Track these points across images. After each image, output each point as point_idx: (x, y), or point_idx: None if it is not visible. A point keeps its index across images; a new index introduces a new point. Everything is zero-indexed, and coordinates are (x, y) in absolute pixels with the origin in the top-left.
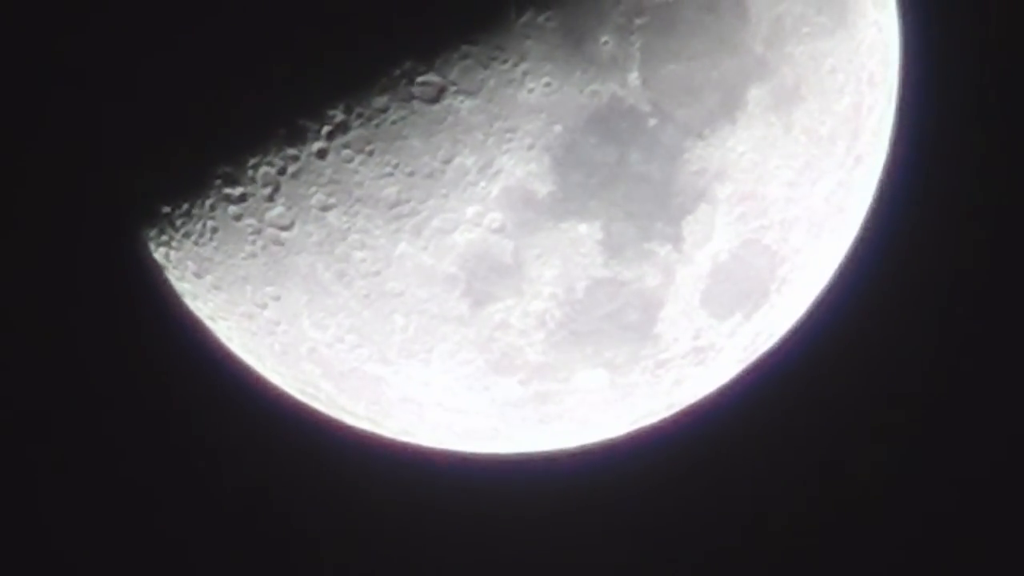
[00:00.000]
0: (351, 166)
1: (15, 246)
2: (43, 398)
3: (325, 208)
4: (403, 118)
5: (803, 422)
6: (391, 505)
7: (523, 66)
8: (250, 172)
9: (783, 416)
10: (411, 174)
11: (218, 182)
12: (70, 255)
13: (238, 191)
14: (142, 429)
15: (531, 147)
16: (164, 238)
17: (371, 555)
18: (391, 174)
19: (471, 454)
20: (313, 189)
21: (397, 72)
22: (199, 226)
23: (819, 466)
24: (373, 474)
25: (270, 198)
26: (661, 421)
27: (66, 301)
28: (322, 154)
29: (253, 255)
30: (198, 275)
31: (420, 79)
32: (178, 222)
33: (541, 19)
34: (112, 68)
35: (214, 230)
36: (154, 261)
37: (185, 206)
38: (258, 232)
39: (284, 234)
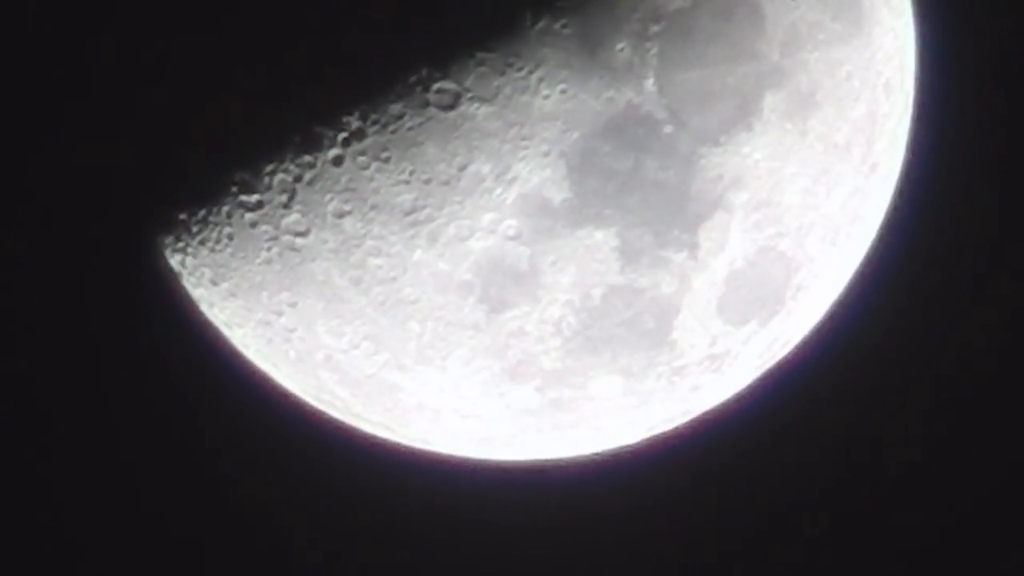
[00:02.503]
0: (367, 173)
1: (31, 253)
2: (58, 405)
3: (341, 215)
4: (419, 125)
5: (819, 429)
6: (407, 512)
7: (539, 73)
8: (266, 179)
9: (799, 423)
10: (427, 181)
11: (234, 189)
12: (86, 262)
13: (254, 198)
14: (158, 436)
15: (547, 154)
16: (180, 245)
17: (388, 562)
18: (407, 181)
19: (487, 461)
20: (329, 196)
21: (413, 79)
22: (215, 233)
23: (835, 473)
24: (389, 481)
25: (286, 205)
26: (677, 428)
27: (82, 308)
28: (338, 161)
29: (269, 262)
30: (214, 282)
31: (436, 86)
32: (194, 229)
33: (557, 26)
34: (128, 75)
35: (230, 237)
36: (170, 268)
37: (201, 213)
38: (274, 239)
39: (300, 241)
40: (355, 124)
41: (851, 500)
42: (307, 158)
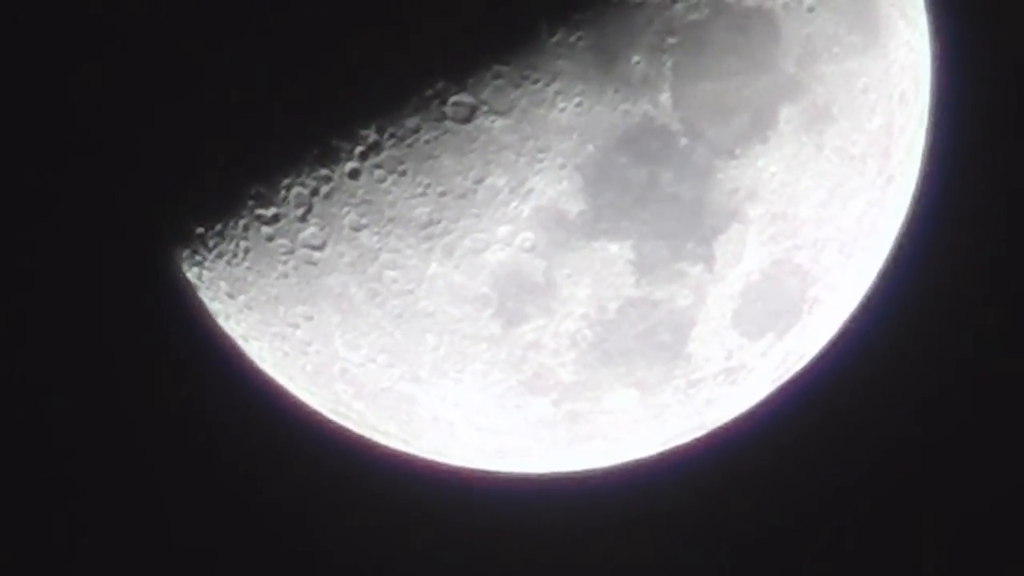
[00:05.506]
0: (383, 186)
1: (48, 265)
2: (73, 417)
3: (357, 228)
4: (435, 138)
5: (834, 442)
6: (423, 524)
7: (555, 86)
8: (283, 192)
9: (814, 436)
10: (443, 194)
11: (251, 202)
12: (103, 275)
13: (271, 211)
14: (174, 448)
15: (563, 167)
16: (197, 258)
17: (403, 574)
18: (423, 194)
19: (503, 474)
20: (345, 209)
21: (429, 92)
22: (232, 246)
23: (851, 486)
24: (405, 493)
25: (303, 218)
26: (692, 441)
27: (98, 321)
28: (354, 174)
29: (285, 275)
30: (230, 295)
31: (452, 99)
32: (211, 242)
33: (573, 39)
34: (144, 89)
35: (247, 250)
36: (187, 281)
37: (218, 226)
38: (290, 252)
39: (316, 254)
40: (372, 137)
41: (867, 512)
42: (324, 171)
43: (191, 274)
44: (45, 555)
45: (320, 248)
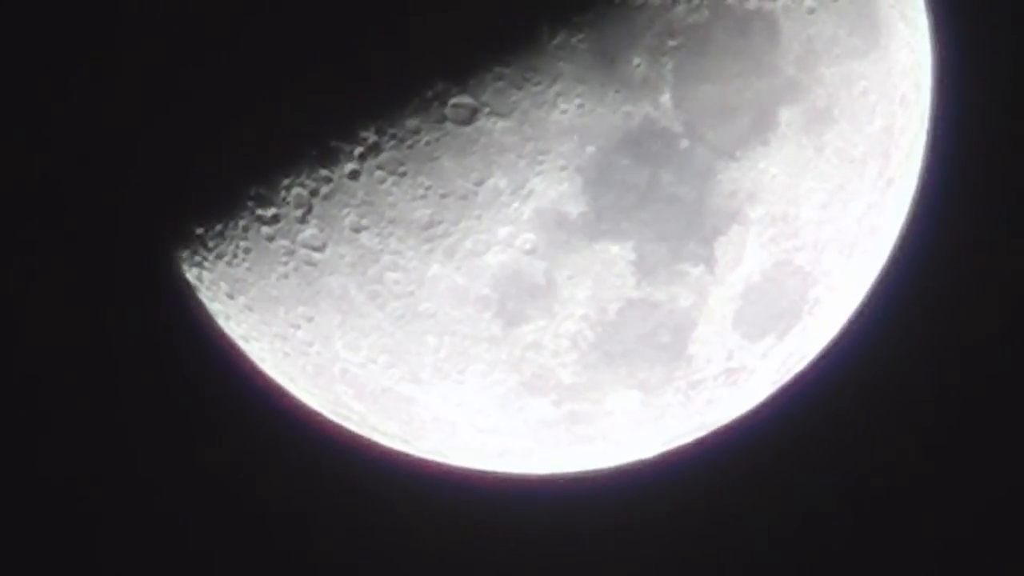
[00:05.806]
0: (384, 187)
1: (48, 267)
2: (73, 418)
3: (358, 229)
4: (436, 140)
5: (835, 443)
6: (423, 525)
7: (556, 87)
8: (283, 193)
9: (815, 437)
10: (444, 196)
11: (251, 203)
12: (103, 275)
13: (271, 212)
14: (174, 450)
15: (564, 168)
16: (197, 259)
17: (402, 575)
18: (424, 196)
19: (504, 474)
20: (346, 210)
21: (430, 94)
22: (232, 247)
23: (851, 487)
24: (405, 494)
25: (303, 219)
26: (693, 442)
27: (99, 321)
28: (355, 175)
29: (286, 276)
30: (231, 296)
31: (453, 101)
32: (211, 243)
33: (574, 41)
34: (145, 90)
35: (247, 251)
36: (187, 282)
37: (218, 227)
38: (291, 253)
39: (317, 255)
40: (372, 138)
41: (867, 514)
42: (324, 172)
43: (191, 275)
44: (45, 555)
45: (320, 249)
